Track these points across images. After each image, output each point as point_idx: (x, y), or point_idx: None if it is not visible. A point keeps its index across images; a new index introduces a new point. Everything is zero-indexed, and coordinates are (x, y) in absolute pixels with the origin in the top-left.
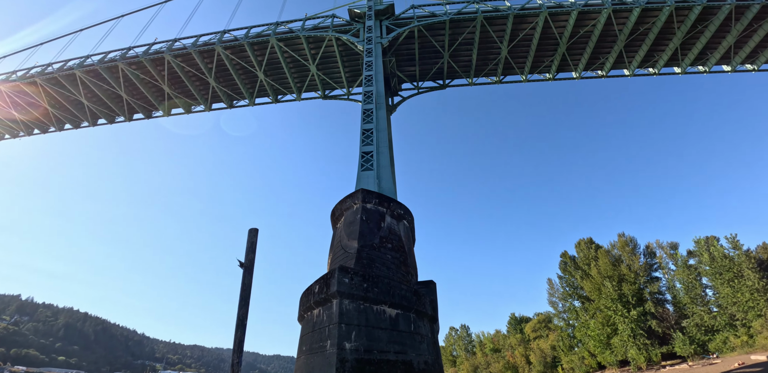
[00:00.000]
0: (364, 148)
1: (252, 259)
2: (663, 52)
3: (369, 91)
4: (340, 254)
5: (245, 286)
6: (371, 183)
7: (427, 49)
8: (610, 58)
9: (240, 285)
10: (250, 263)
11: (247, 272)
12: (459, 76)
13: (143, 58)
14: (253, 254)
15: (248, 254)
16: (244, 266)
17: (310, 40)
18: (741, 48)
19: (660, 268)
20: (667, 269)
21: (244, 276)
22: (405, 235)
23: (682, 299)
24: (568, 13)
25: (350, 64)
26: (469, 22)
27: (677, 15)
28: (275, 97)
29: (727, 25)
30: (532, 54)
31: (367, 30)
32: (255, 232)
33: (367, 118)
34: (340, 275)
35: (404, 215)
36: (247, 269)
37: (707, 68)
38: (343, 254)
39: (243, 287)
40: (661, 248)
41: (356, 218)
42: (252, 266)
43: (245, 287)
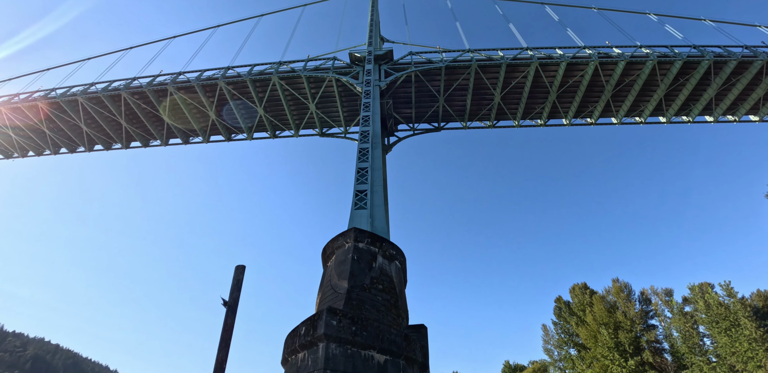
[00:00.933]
0: (358, 187)
1: (237, 297)
2: (648, 103)
3: (365, 131)
4: (329, 294)
5: (227, 326)
6: (364, 222)
7: (423, 93)
8: (599, 106)
9: (222, 325)
10: (234, 302)
11: (230, 311)
12: (454, 120)
13: (146, 89)
14: (239, 292)
15: (233, 292)
16: (227, 304)
17: (311, 80)
18: (722, 100)
19: (656, 315)
20: (663, 316)
21: (227, 316)
22: (397, 276)
23: (680, 348)
24: (558, 64)
25: (348, 105)
26: (463, 70)
27: (660, 68)
28: (273, 132)
29: (707, 78)
30: (524, 101)
31: (366, 73)
32: (242, 269)
33: (363, 157)
34: (328, 316)
35: (396, 255)
36: (231, 308)
37: (691, 118)
38: (332, 294)
39: (225, 328)
40: (656, 295)
41: (347, 258)
42: (236, 305)
43: (227, 327)
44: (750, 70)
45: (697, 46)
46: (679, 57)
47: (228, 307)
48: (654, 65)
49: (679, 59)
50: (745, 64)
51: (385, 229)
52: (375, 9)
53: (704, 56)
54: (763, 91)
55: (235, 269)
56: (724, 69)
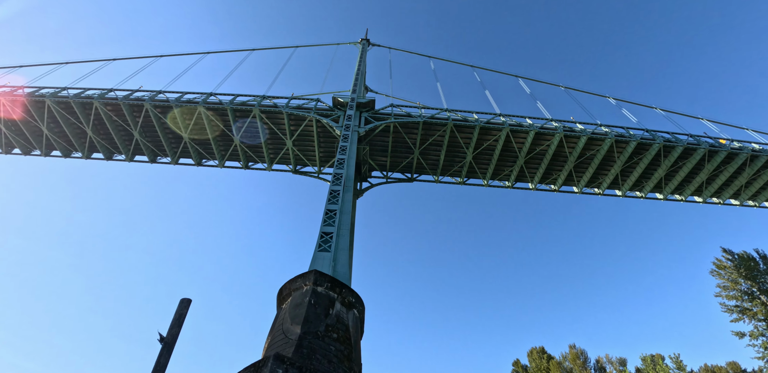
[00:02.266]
0: (324, 229)
1: (176, 334)
2: (606, 176)
3: (339, 174)
4: (279, 339)
5: (160, 366)
6: (326, 265)
7: (400, 144)
8: (562, 175)
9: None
10: (172, 339)
11: (166, 348)
12: (426, 173)
13: (122, 102)
14: (179, 328)
15: (173, 327)
16: (164, 341)
17: (292, 117)
18: (670, 180)
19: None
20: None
21: (162, 354)
22: (353, 325)
23: None
24: (527, 132)
25: (326, 146)
26: (440, 127)
27: (617, 146)
28: (246, 163)
29: (657, 160)
30: (494, 162)
31: (347, 118)
32: (186, 303)
33: (333, 199)
34: (274, 364)
35: (355, 303)
36: (168, 345)
37: (644, 194)
38: (283, 339)
39: (156, 367)
40: (610, 364)
41: (304, 301)
42: (174, 342)
43: (159, 367)
44: (694, 156)
45: (649, 130)
46: (634, 138)
47: (164, 344)
48: (612, 143)
49: (634, 140)
50: (690, 151)
51: (347, 274)
52: (363, 60)
53: (655, 140)
54: (706, 175)
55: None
56: (672, 153)
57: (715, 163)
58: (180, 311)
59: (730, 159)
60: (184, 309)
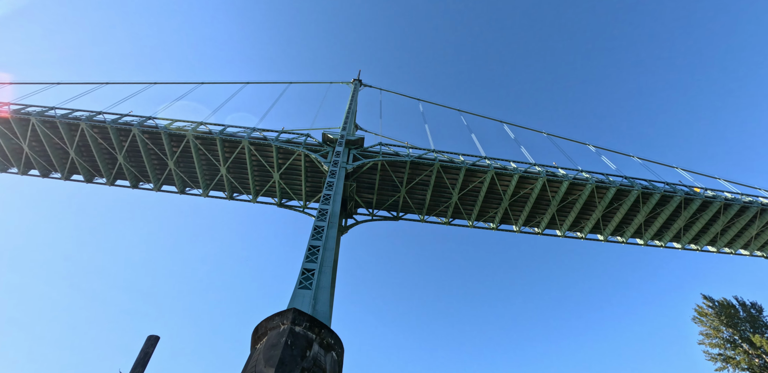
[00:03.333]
0: (306, 265)
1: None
2: (588, 221)
3: (324, 210)
4: None
5: None
6: (306, 303)
7: (387, 182)
8: (545, 218)
9: None
10: None
11: None
12: (412, 212)
13: (109, 126)
14: (143, 368)
15: (136, 367)
16: None
17: (281, 151)
18: (649, 226)
19: None
20: None
21: None
22: (331, 369)
23: None
24: (511, 175)
25: (312, 180)
26: (427, 167)
27: (598, 192)
28: (231, 194)
29: (636, 206)
30: (479, 204)
31: (335, 154)
32: (154, 340)
33: (317, 235)
34: None
35: (335, 345)
36: None
37: (624, 239)
38: None
39: None
40: None
41: (280, 341)
42: None
43: None
44: (671, 203)
45: (628, 177)
46: (614, 184)
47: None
48: (593, 189)
49: (614, 186)
50: (667, 198)
51: (328, 314)
52: (354, 99)
53: (634, 187)
54: (683, 222)
55: (146, 339)
56: (650, 200)
57: (691, 210)
58: (146, 349)
59: (705, 207)
60: (151, 347)
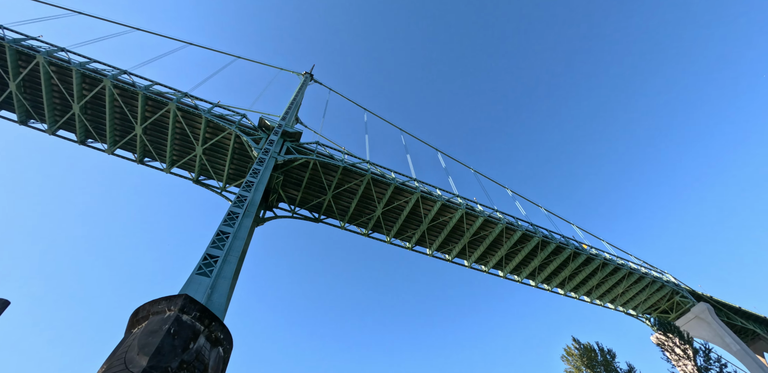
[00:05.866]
0: (210, 251)
1: None
2: (494, 256)
3: (244, 196)
4: (118, 370)
5: None
6: (201, 292)
7: (315, 183)
8: (457, 247)
9: None
10: None
11: None
12: (334, 217)
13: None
14: None
15: None
16: None
17: (210, 125)
18: (543, 270)
19: None
20: None
21: None
22: (215, 366)
23: None
24: (435, 201)
25: (238, 163)
26: (358, 176)
27: (507, 232)
28: (142, 157)
29: (535, 251)
30: (400, 222)
31: (268, 142)
32: (3, 304)
33: (230, 221)
34: None
35: (223, 340)
36: None
37: (520, 278)
38: (123, 371)
39: None
40: None
41: (162, 328)
42: None
43: None
44: (563, 254)
45: (533, 224)
46: (521, 228)
47: None
48: (503, 228)
49: (520, 230)
50: (561, 249)
51: (223, 306)
52: (301, 92)
53: (536, 234)
54: (569, 272)
55: None
56: (547, 248)
57: (577, 263)
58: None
59: (588, 262)
60: None
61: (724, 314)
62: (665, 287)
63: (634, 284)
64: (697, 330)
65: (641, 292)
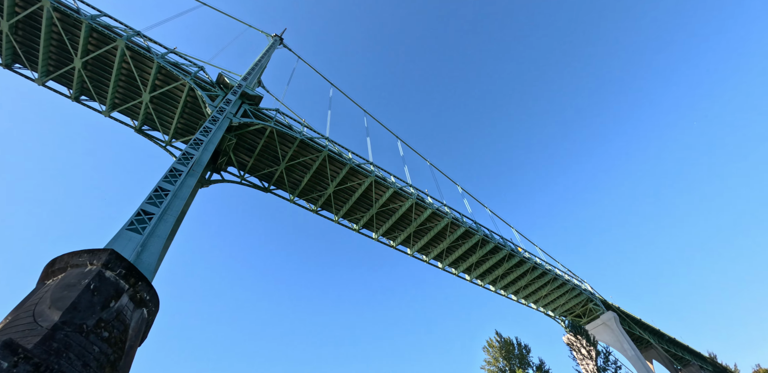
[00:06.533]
0: (145, 207)
1: None
2: (436, 248)
3: (190, 154)
4: (24, 323)
5: None
6: (129, 249)
7: (269, 151)
8: (402, 235)
9: None
10: None
11: None
12: (285, 189)
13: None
14: None
15: None
16: None
17: (162, 72)
18: (479, 267)
19: None
20: None
21: None
22: (136, 327)
23: None
24: (388, 188)
25: (188, 118)
26: (315, 151)
27: (451, 226)
28: (78, 94)
29: (474, 248)
30: (351, 203)
31: (225, 101)
32: None
33: (171, 178)
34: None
35: (149, 302)
36: None
37: (457, 272)
38: (29, 324)
39: None
40: None
41: (81, 283)
42: None
43: None
44: (499, 254)
45: (477, 222)
46: (465, 225)
47: None
48: (449, 222)
49: (464, 226)
50: (498, 249)
51: (153, 267)
52: (268, 55)
53: (478, 232)
54: (502, 272)
55: None
56: (486, 246)
57: (511, 263)
58: None
59: (520, 264)
60: None
61: (627, 323)
62: (582, 294)
63: (557, 289)
64: (602, 335)
65: (561, 296)
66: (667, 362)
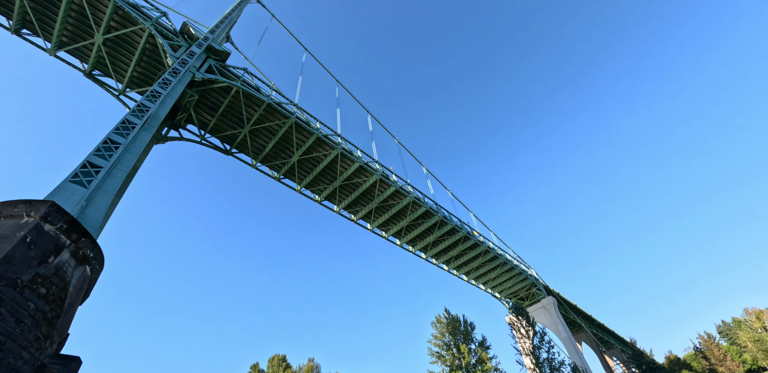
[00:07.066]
0: (92, 158)
1: None
2: (396, 225)
3: (146, 107)
4: None
5: None
6: (72, 202)
7: (233, 112)
8: (364, 210)
9: None
10: None
11: None
12: (248, 153)
13: None
14: None
15: None
16: None
17: (119, 13)
18: (435, 246)
19: None
20: None
21: None
22: (77, 285)
23: None
24: (354, 161)
25: (146, 67)
26: (282, 117)
27: (413, 205)
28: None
29: (432, 229)
30: (315, 173)
31: (188, 53)
32: None
33: (123, 131)
34: None
35: (93, 259)
36: None
37: (414, 250)
38: None
39: None
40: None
41: (16, 235)
42: None
43: None
44: (456, 235)
45: (437, 204)
46: (426, 205)
47: None
48: (411, 202)
49: (425, 207)
50: (455, 231)
51: (99, 224)
52: (240, 8)
53: (438, 213)
54: (456, 253)
55: None
56: (444, 227)
57: (466, 245)
58: None
59: (475, 246)
60: None
61: (564, 308)
62: (528, 279)
63: (506, 272)
64: (541, 317)
65: (509, 280)
66: (594, 345)
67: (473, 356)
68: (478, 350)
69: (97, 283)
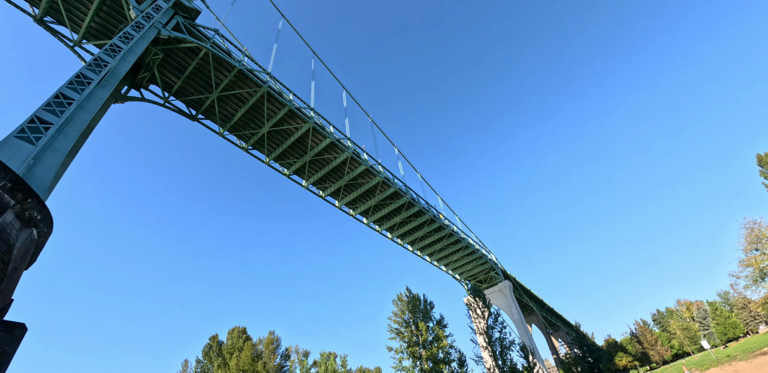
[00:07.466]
0: (41, 113)
1: None
2: (364, 204)
3: (104, 62)
4: None
5: None
6: (18, 160)
7: (201, 76)
8: (333, 186)
9: None
10: None
11: None
12: (215, 121)
13: None
14: None
15: None
16: None
17: None
18: (402, 227)
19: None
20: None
21: None
22: (22, 248)
23: None
24: (325, 137)
25: (105, 18)
26: (254, 85)
27: (382, 185)
28: None
29: (400, 209)
30: (285, 146)
31: (154, 7)
32: None
33: (78, 86)
34: None
35: (41, 222)
36: None
37: (380, 229)
38: None
39: None
40: (296, 353)
41: None
42: None
43: None
44: (422, 217)
45: (407, 185)
46: (395, 186)
47: None
48: (380, 181)
49: (394, 187)
50: (421, 213)
51: (48, 185)
52: None
53: (406, 194)
54: (422, 234)
55: None
56: (411, 209)
57: (431, 228)
58: None
59: (440, 229)
60: None
61: (519, 292)
62: (487, 263)
63: (467, 256)
64: (496, 299)
65: (470, 263)
66: (543, 327)
67: (430, 334)
68: (436, 328)
69: (45, 247)
